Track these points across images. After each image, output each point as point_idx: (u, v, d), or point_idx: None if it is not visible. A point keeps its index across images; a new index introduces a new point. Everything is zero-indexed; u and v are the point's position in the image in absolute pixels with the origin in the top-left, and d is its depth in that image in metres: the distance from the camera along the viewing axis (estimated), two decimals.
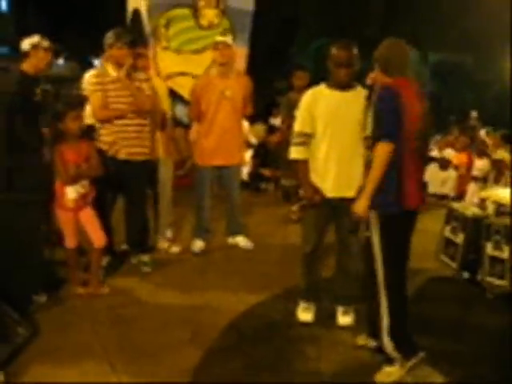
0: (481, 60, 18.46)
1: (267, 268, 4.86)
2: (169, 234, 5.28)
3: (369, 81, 3.37)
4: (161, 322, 3.77)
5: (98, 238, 4.11)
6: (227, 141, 5.06)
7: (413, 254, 3.43)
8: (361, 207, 3.15)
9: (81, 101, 4.73)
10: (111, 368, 3.19)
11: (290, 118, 5.75)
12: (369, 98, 3.40)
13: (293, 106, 5.71)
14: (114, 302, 4.03)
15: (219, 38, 5.13)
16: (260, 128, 9.56)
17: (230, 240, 5.45)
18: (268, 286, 4.41)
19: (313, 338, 3.62)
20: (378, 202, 3.13)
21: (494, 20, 15.54)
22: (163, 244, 5.20)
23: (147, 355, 3.34)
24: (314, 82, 3.79)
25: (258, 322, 3.83)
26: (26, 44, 3.94)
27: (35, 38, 3.96)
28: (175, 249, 5.17)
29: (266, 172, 8.44)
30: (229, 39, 5.16)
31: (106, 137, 4.40)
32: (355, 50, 3.53)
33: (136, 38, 5.55)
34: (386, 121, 3.07)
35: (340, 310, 3.82)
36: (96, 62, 15.16)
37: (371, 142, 3.20)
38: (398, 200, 3.10)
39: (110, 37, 4.36)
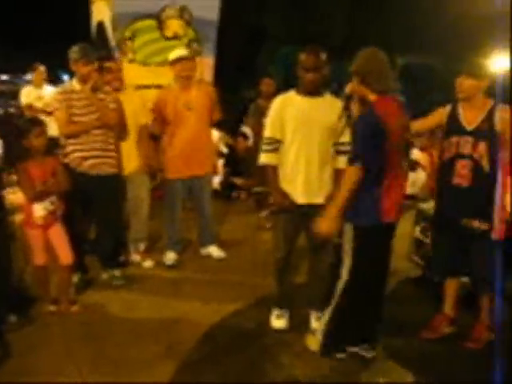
0: (450, 62, 18.75)
1: (240, 277, 4.85)
2: (142, 247, 5.23)
3: (347, 90, 3.38)
4: (135, 337, 3.73)
5: (65, 255, 4.05)
6: (195, 152, 5.05)
7: None
8: (325, 226, 3.21)
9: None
10: None
11: (258, 125, 5.80)
12: (346, 107, 3.41)
13: (261, 112, 5.76)
14: (87, 319, 3.99)
15: (178, 53, 5.09)
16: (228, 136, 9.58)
17: (203, 250, 5.44)
18: (241, 295, 4.40)
19: (287, 344, 3.62)
20: (354, 214, 3.20)
21: (462, 22, 15.80)
22: (136, 258, 5.15)
23: (122, 371, 3.31)
24: (284, 89, 3.81)
25: (233, 332, 3.82)
26: None
27: None
28: (149, 263, 5.11)
29: (238, 181, 8.44)
30: (189, 52, 5.16)
31: (71, 151, 4.36)
32: (323, 55, 3.56)
33: (101, 52, 5.55)
34: (360, 145, 3.14)
35: (313, 314, 3.84)
36: (65, 77, 15.06)
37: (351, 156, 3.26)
38: (374, 214, 3.17)
39: (75, 52, 4.32)
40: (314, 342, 3.50)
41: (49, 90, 7.62)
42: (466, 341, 3.66)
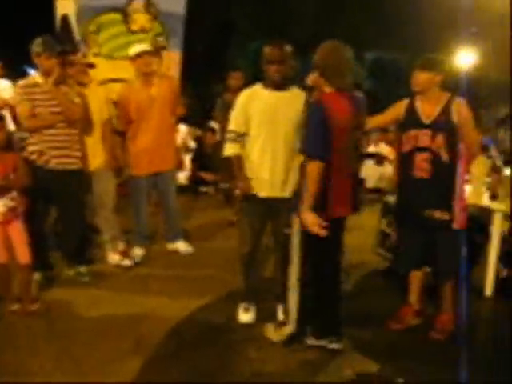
0: (415, 57, 18.91)
1: (208, 272, 4.83)
2: (121, 246, 5.12)
3: (309, 82, 3.39)
4: (101, 334, 3.67)
5: (23, 254, 3.94)
6: (159, 147, 4.99)
7: (351, 248, 3.52)
8: (308, 221, 3.16)
9: None
10: None
11: (225, 120, 5.75)
12: (308, 99, 3.41)
13: (228, 106, 5.70)
14: (51, 317, 3.91)
15: (138, 48, 5.04)
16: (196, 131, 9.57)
17: (170, 246, 5.40)
18: (209, 290, 4.38)
19: (255, 339, 3.61)
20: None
21: (427, 17, 15.97)
22: (114, 257, 5.03)
23: (87, 369, 3.25)
24: (252, 83, 3.79)
25: (200, 327, 3.80)
26: None
27: None
28: (127, 262, 4.98)
29: (206, 175, 8.41)
30: (151, 46, 5.11)
31: (34, 146, 4.27)
32: (288, 48, 3.54)
33: (65, 45, 5.44)
34: (314, 140, 3.13)
35: (280, 308, 3.84)
36: (32, 72, 14.71)
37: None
38: (320, 211, 3.17)
39: (37, 45, 4.24)
40: (275, 333, 3.52)
41: (3, 85, 7.44)
42: (430, 331, 3.70)
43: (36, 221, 4.18)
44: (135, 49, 5.03)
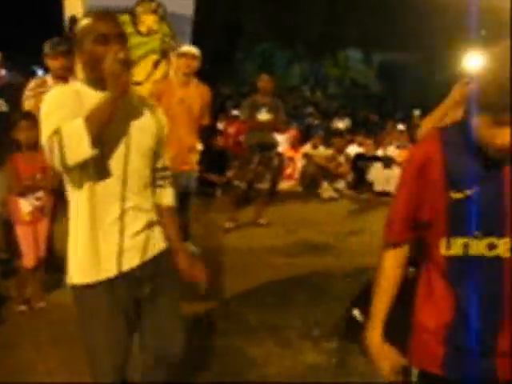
0: (423, 59, 18.88)
1: (214, 274, 4.80)
2: None
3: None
4: None
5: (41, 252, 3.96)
6: (182, 148, 5.00)
7: (359, 252, 3.47)
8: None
9: None
10: None
11: (252, 119, 6.23)
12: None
13: (256, 107, 6.19)
14: (56, 318, 3.87)
15: (186, 48, 5.18)
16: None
17: None
18: (214, 292, 4.34)
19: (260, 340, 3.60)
20: None
21: (436, 19, 15.92)
22: None
23: None
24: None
25: (204, 329, 3.79)
26: None
27: None
28: None
29: (213, 177, 8.39)
30: (196, 50, 5.18)
31: None
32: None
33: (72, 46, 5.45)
34: None
35: None
36: (39, 72, 14.81)
37: None
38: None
39: (45, 46, 4.29)
40: None
41: None
42: None
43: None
44: (185, 47, 5.21)
